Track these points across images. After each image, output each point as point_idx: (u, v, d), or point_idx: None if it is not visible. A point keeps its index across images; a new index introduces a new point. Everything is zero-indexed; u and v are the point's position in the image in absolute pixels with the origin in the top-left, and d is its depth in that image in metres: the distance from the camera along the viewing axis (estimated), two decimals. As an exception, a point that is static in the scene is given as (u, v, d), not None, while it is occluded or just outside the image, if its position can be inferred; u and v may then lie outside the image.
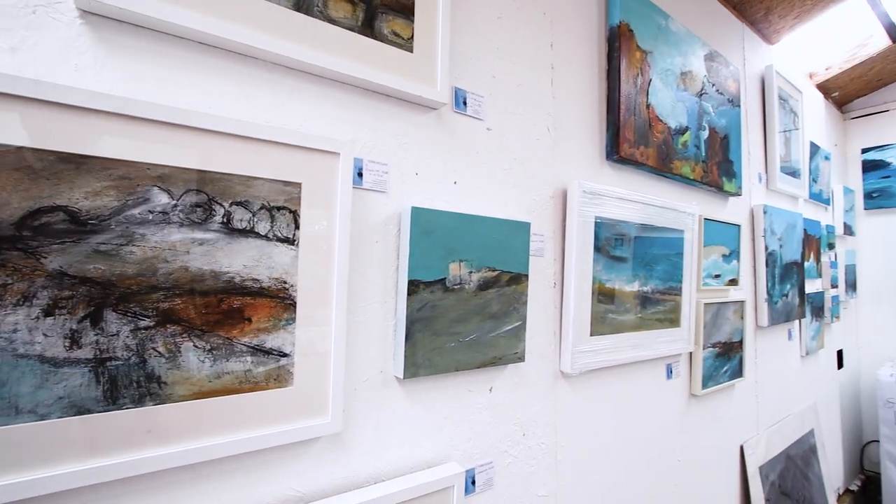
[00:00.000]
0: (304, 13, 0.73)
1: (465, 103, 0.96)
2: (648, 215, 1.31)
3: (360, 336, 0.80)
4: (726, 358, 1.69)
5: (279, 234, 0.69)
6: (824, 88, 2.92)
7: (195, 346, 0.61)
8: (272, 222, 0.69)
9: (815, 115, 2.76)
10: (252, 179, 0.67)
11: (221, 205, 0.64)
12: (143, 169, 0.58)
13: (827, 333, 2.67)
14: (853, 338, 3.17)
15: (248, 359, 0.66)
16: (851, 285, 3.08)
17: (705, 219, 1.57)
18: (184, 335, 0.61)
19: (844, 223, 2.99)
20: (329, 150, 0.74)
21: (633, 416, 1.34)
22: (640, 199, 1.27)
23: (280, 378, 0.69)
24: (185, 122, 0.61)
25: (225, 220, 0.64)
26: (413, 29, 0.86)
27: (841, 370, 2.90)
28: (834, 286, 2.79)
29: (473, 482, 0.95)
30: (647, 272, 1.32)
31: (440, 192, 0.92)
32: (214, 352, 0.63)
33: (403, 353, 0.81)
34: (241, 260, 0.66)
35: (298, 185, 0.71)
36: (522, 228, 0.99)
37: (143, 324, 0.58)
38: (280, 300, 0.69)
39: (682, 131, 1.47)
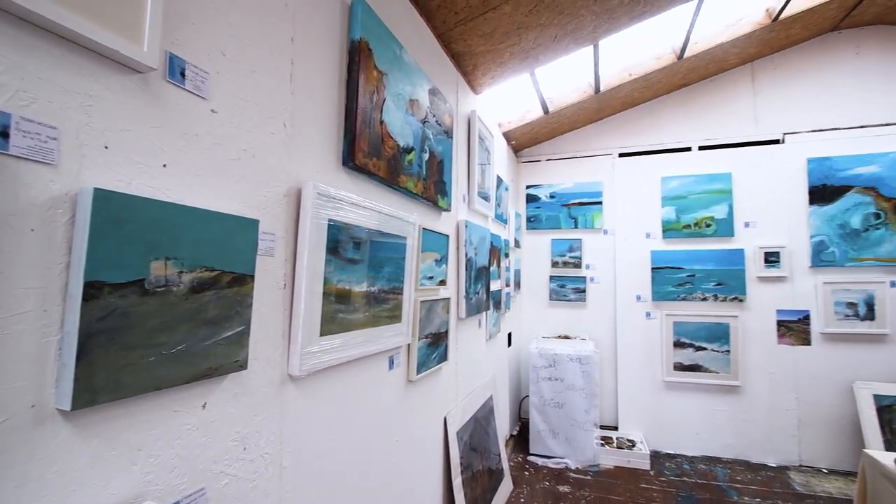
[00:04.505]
0: None
1: (182, 75, 0.82)
2: (379, 222, 1.43)
3: (-7, 361, 0.57)
4: (436, 346, 2.01)
5: None
6: (507, 136, 3.88)
7: None
8: None
9: (501, 155, 3.63)
10: None
11: None
12: None
13: (503, 321, 3.55)
14: (518, 323, 4.31)
15: None
16: (518, 284, 4.20)
17: (423, 228, 1.83)
18: None
19: (515, 238, 4.06)
20: (-60, 90, 0.50)
21: (359, 408, 1.43)
22: (372, 207, 1.38)
23: None
24: None
25: None
26: (108, -35, 0.68)
27: (510, 347, 3.91)
28: (507, 285, 3.73)
29: (177, 517, 0.81)
30: (376, 273, 1.44)
31: (142, 174, 0.76)
32: None
33: (73, 377, 0.62)
34: None
35: None
36: (250, 226, 0.92)
37: None
38: None
39: (408, 150, 1.68)
